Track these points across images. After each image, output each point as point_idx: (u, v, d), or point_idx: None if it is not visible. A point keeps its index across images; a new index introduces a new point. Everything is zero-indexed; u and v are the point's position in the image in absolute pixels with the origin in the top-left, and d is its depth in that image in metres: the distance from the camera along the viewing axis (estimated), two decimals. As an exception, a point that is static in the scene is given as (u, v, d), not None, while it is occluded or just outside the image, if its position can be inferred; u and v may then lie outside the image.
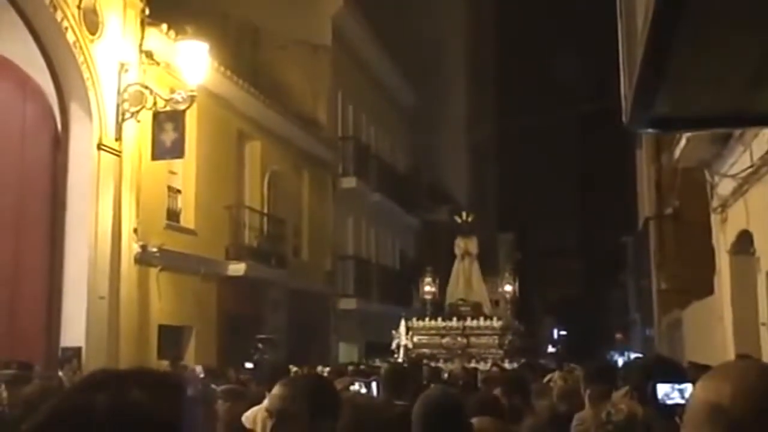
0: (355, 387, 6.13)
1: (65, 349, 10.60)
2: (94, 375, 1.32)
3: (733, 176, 8.71)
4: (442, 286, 15.91)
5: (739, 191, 8.72)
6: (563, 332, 57.69)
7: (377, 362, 13.26)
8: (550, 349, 45.34)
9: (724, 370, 1.51)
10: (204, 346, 13.96)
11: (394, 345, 13.33)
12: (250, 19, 19.71)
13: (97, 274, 11.01)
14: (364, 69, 23.59)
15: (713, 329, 10.60)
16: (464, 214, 16.01)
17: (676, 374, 3.59)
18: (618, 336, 44.43)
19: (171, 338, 13.18)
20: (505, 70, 42.87)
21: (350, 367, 13.45)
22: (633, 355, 31.19)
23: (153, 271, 12.42)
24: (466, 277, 15.50)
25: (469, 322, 14.55)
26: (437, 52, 31.63)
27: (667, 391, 3.43)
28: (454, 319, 14.67)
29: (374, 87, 24.69)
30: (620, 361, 25.83)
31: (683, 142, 9.50)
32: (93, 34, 11.19)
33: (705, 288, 11.43)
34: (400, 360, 12.67)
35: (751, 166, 8.10)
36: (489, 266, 27.14)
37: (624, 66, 1.67)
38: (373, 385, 6.05)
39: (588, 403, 4.66)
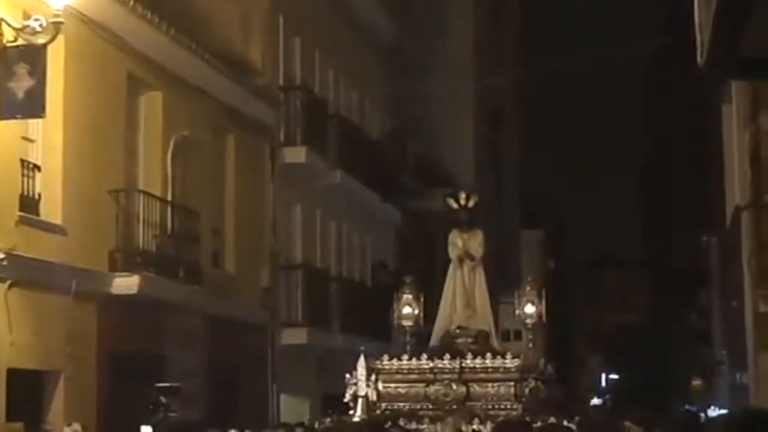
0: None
1: None
2: None
3: None
4: (434, 307, 15.77)
5: None
6: (613, 376, 58.18)
7: (326, 422, 13.18)
8: (595, 400, 45.72)
9: None
10: (78, 399, 13.95)
11: (348, 396, 13.22)
12: None
13: None
14: (320, -15, 23.59)
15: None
16: (462, 196, 15.82)
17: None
18: (695, 383, 44.80)
19: (27, 388, 13.17)
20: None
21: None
22: (717, 411, 31.42)
23: (0, 288, 12.37)
24: (466, 293, 15.32)
25: (470, 361, 14.41)
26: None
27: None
28: (447, 356, 14.56)
29: (334, 12, 24.64)
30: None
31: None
32: None
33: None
34: (357, 419, 12.57)
35: None
36: (508, 278, 27.12)
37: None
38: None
39: None
